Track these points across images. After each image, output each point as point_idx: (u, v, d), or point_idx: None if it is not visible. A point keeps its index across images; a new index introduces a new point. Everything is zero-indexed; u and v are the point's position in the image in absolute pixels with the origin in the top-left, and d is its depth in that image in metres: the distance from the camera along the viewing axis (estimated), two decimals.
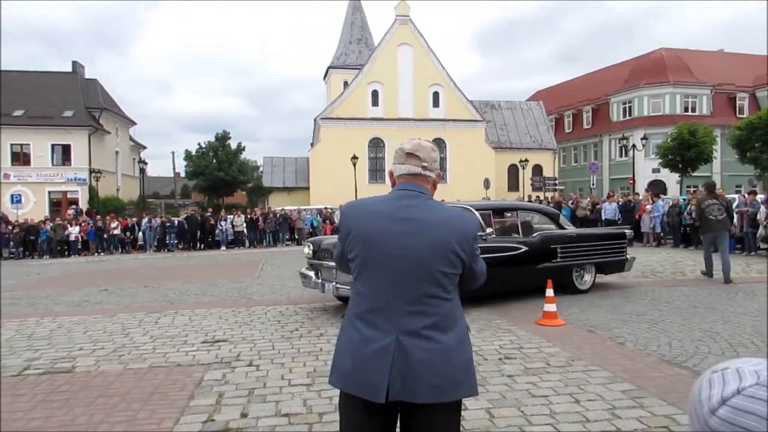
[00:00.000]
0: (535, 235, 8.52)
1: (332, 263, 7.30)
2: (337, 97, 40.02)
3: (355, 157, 32.92)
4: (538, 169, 41.56)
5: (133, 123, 47.20)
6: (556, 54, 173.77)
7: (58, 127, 36.11)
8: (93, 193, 35.42)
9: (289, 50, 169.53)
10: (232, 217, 25.48)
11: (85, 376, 5.08)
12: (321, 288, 7.67)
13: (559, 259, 8.53)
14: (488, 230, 7.92)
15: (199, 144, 47.87)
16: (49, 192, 36.43)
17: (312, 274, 7.98)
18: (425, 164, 2.00)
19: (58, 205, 35.93)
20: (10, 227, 24.39)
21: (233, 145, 47.20)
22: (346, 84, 42.37)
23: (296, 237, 25.28)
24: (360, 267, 1.92)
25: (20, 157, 36.30)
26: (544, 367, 4.99)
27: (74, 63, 41.39)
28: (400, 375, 1.77)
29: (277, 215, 25.51)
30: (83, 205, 34.89)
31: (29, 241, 23.58)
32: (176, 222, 25.03)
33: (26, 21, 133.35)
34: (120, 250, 24.05)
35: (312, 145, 41.62)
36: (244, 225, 24.85)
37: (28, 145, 36.24)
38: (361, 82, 38.81)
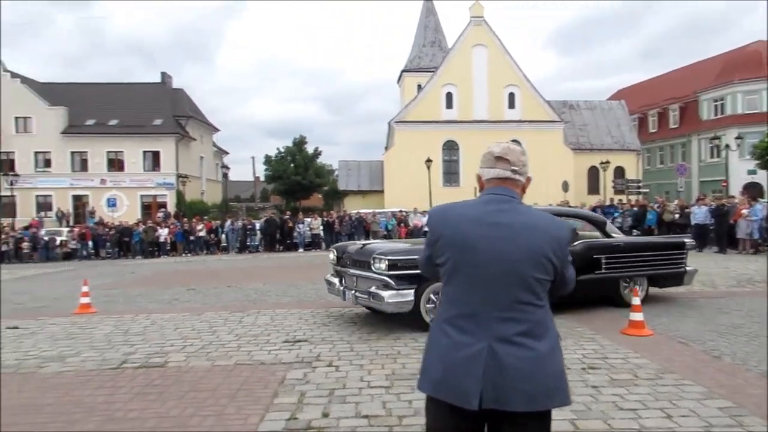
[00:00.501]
0: (576, 243, 7.73)
1: (355, 271, 7.32)
2: (411, 100, 40.16)
3: (429, 160, 32.89)
4: (620, 171, 39.94)
5: (216, 130, 49.43)
6: (639, 50, 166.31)
7: (148, 135, 38.38)
8: (180, 196, 37.37)
9: (363, 56, 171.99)
10: (309, 219, 26.12)
11: (177, 371, 5.36)
12: (342, 295, 7.48)
13: (603, 271, 7.89)
14: None
15: (277, 149, 49.48)
16: (141, 196, 38.77)
17: (336, 280, 7.85)
18: (515, 168, 1.97)
19: (148, 208, 38.15)
20: (107, 229, 26.12)
21: (310, 150, 48.41)
22: (419, 87, 42.45)
23: (371, 240, 25.56)
24: (450, 272, 1.91)
25: (115, 164, 38.86)
26: (631, 378, 4.78)
27: (163, 74, 43.88)
28: (492, 382, 1.76)
29: (353, 218, 25.89)
30: (171, 208, 36.84)
31: (123, 242, 25.17)
32: (257, 225, 25.94)
33: (121, 36, 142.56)
34: (205, 251, 25.18)
35: (386, 148, 41.96)
36: (321, 227, 25.40)
37: (122, 152, 38.75)
38: (435, 85, 38.75)
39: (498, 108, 38.65)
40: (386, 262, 6.74)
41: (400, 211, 27.64)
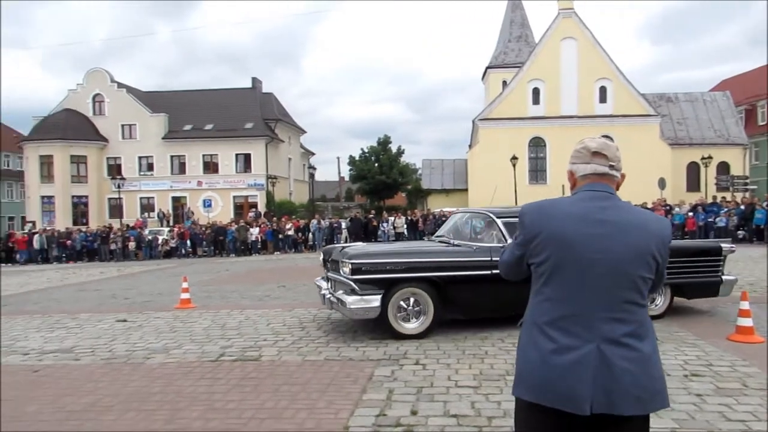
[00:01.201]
0: None
1: (332, 274, 7.04)
2: (496, 97, 39.47)
3: (514, 158, 32.20)
4: (723, 167, 37.27)
5: (304, 131, 50.86)
6: (745, 37, 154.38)
7: (240, 138, 40.15)
8: (270, 197, 38.82)
9: (446, 54, 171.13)
10: (393, 218, 26.35)
11: (270, 365, 5.58)
12: (323, 299, 7.22)
13: None
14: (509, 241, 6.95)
15: (362, 149, 50.35)
16: (234, 196, 40.62)
17: (324, 284, 7.53)
18: (612, 163, 1.91)
19: (240, 208, 39.91)
20: (203, 228, 27.62)
21: (394, 149, 48.77)
22: (504, 83, 41.66)
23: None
24: (550, 272, 1.84)
25: (210, 166, 40.96)
26: (740, 388, 4.47)
27: (254, 79, 45.75)
28: (603, 386, 1.70)
29: (436, 216, 25.84)
30: (261, 208, 38.34)
31: (218, 241, 26.51)
32: (342, 224, 26.51)
33: (214, 45, 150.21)
34: (293, 249, 26.02)
35: (470, 146, 41.52)
36: (405, 226, 25.56)
37: (217, 155, 40.77)
38: (521, 81, 37.87)
39: (588, 103, 37.21)
40: (350, 266, 6.43)
41: None
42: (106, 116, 40.71)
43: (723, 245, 7.73)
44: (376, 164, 47.36)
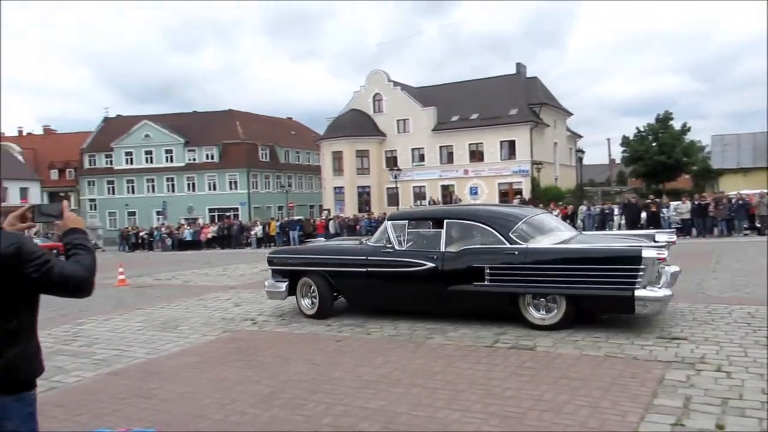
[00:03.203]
0: (457, 250, 6.91)
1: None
2: None
3: None
4: None
5: (569, 114, 48.79)
6: None
7: (505, 125, 40.31)
8: (535, 183, 38.21)
9: (744, 7, 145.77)
10: (676, 203, 23.58)
11: (546, 356, 5.45)
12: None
13: (486, 282, 6.59)
14: (392, 242, 7.43)
15: (637, 128, 46.07)
16: (499, 184, 41.07)
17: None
18: None
19: (505, 195, 40.16)
20: None
21: (677, 126, 43.62)
22: None
23: (758, 225, 21.59)
24: None
25: (476, 155, 42.06)
26: None
27: (518, 65, 45.41)
28: None
29: (732, 200, 22.29)
30: (526, 194, 37.99)
31: None
32: (615, 209, 24.71)
33: (478, 35, 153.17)
34: None
35: None
36: (689, 211, 22.63)
37: (482, 143, 41.66)
38: None
39: None
40: (267, 258, 8.90)
41: None
42: (383, 113, 44.74)
43: (643, 254, 5.94)
44: (654, 144, 42.94)
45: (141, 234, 39.14)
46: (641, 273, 5.92)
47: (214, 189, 52.74)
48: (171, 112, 59.70)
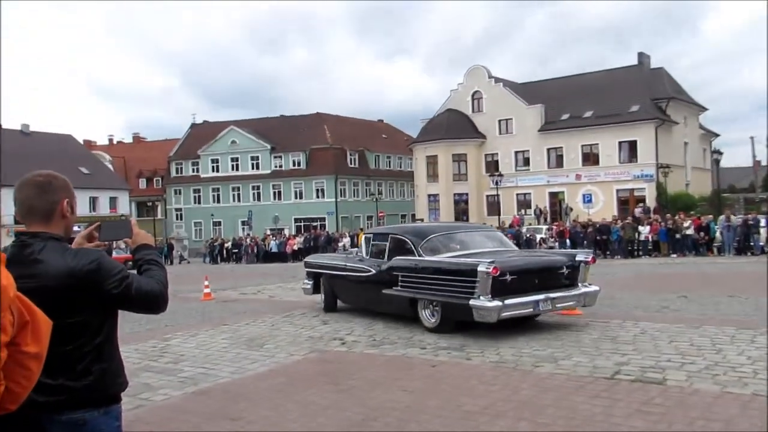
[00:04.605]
0: (389, 260, 9.20)
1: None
2: None
3: None
4: None
5: (704, 109, 46.21)
6: None
7: (624, 123, 38.70)
8: (661, 189, 36.28)
9: None
10: None
11: (679, 392, 5.12)
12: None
13: (399, 288, 8.77)
14: (355, 250, 11.91)
15: None
16: (617, 190, 39.42)
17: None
18: None
19: (625, 203, 38.48)
20: (584, 227, 27.54)
21: None
22: None
23: None
24: None
25: (590, 157, 40.67)
26: None
27: (640, 54, 43.63)
28: None
29: None
30: (651, 202, 36.20)
31: (601, 241, 26.01)
32: (761, 220, 22.97)
33: (590, 22, 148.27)
34: (694, 252, 23.73)
35: None
36: None
37: (597, 144, 40.25)
38: None
39: None
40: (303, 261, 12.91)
41: None
42: (483, 112, 44.38)
43: (480, 267, 7.51)
44: None
45: (226, 245, 41.08)
46: (477, 285, 7.48)
47: (301, 198, 54.48)
48: (257, 117, 62.38)
